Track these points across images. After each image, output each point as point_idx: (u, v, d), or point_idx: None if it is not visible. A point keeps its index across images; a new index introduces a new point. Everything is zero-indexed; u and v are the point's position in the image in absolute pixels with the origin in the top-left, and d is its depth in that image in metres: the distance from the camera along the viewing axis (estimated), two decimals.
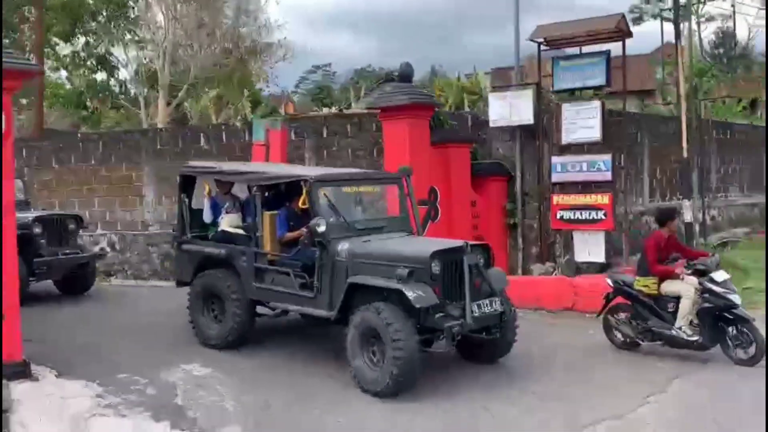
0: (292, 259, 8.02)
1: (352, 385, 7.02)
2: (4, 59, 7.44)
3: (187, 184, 9.38)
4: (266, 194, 8.59)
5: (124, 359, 8.25)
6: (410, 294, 6.58)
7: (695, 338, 7.86)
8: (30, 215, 11.83)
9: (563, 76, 11.99)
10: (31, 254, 11.18)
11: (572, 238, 11.95)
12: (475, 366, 7.67)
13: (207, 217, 9.11)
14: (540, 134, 12.41)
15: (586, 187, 11.78)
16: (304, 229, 7.93)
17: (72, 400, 7.01)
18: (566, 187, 11.96)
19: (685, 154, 12.94)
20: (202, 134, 14.21)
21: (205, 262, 8.83)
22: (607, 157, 11.63)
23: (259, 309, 8.68)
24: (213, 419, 6.58)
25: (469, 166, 12.35)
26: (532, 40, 12.26)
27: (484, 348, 7.63)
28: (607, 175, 11.62)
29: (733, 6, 38.27)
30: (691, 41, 25.49)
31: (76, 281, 12.33)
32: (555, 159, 12.02)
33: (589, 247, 11.78)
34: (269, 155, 12.28)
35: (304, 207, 7.92)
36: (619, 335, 8.52)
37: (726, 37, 52.31)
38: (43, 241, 11.71)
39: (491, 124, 12.55)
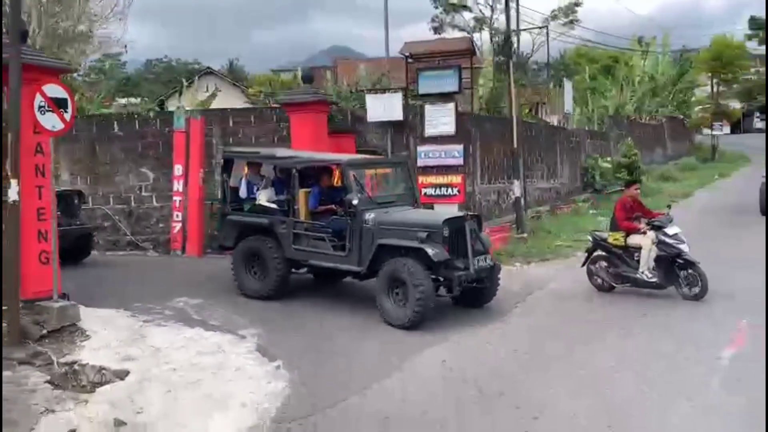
0: (326, 226, 10.11)
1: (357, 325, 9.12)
2: (40, 58, 9.25)
3: (227, 166, 11.27)
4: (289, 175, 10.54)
5: (133, 297, 10.33)
6: (430, 251, 8.76)
7: (654, 280, 9.94)
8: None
9: (425, 84, 15.42)
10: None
11: (433, 208, 15.42)
12: (468, 310, 9.70)
13: (243, 193, 10.98)
14: (407, 128, 15.77)
15: (444, 169, 15.29)
16: (333, 205, 10.27)
17: (116, 318, 9.14)
18: (428, 170, 15.38)
19: (515, 146, 16.96)
20: (115, 122, 15.82)
21: (246, 230, 10.69)
22: (460, 147, 15.24)
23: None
24: (231, 325, 9.07)
25: (355, 152, 15.40)
26: (401, 54, 15.57)
27: (476, 295, 9.73)
28: (460, 161, 15.21)
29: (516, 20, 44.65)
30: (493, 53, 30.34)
31: (79, 250, 13.53)
32: (420, 148, 15.41)
33: None
34: (189, 141, 14.43)
35: (336, 185, 10.29)
36: (598, 280, 10.53)
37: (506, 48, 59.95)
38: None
39: (369, 119, 15.67)
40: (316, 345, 8.33)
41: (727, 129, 46.84)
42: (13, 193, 7.98)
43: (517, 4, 22.15)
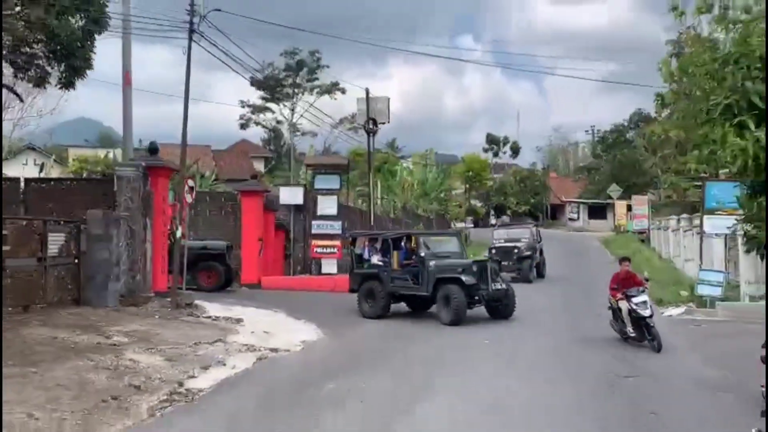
0: (408, 271, 17.04)
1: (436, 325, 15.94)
2: (164, 162, 16.95)
3: (353, 241, 19.06)
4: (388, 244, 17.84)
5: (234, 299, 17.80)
6: (464, 278, 15.58)
7: (633, 335, 13.13)
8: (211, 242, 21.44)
9: (319, 182, 24.45)
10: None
11: (321, 262, 24.22)
12: (497, 320, 16.26)
13: (366, 256, 18.20)
14: (305, 209, 24.57)
15: (328, 237, 24.20)
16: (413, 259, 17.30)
17: (212, 303, 16.79)
18: (318, 236, 24.21)
19: (372, 224, 26.35)
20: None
21: (366, 278, 17.54)
22: (339, 223, 24.34)
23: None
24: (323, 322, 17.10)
25: (275, 224, 23.81)
26: (306, 164, 24.50)
27: (500, 311, 16.40)
28: (339, 232, 24.28)
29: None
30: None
31: (227, 283, 20.87)
32: (314, 222, 24.27)
33: (329, 267, 24.20)
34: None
35: (413, 247, 17.46)
36: (614, 331, 13.88)
37: (275, 138, 70.49)
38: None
39: (281, 202, 24.21)
40: (351, 325, 16.68)
41: (470, 224, 60.69)
42: (177, 234, 15.70)
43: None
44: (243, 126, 64.47)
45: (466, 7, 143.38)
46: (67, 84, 13.98)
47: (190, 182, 16.05)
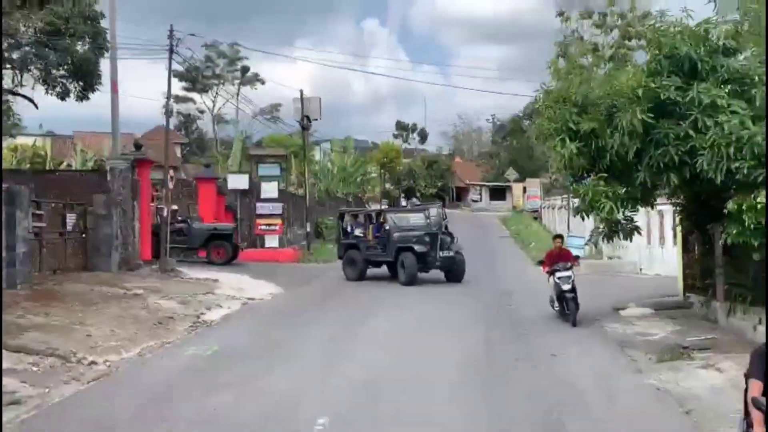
0: (380, 242, 21.05)
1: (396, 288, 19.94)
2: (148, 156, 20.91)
3: (341, 217, 22.93)
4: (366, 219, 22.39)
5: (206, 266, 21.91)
6: (416, 247, 19.86)
7: (557, 308, 14.00)
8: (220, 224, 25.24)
9: (262, 170, 28.75)
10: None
11: (264, 237, 28.56)
12: (451, 283, 20.33)
13: (349, 230, 22.25)
14: (250, 193, 28.80)
15: (271, 216, 28.54)
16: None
17: (190, 270, 20.98)
18: (262, 216, 28.50)
19: (307, 206, 30.76)
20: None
21: (348, 247, 21.74)
22: (280, 204, 28.72)
23: None
24: (292, 283, 21.50)
25: (225, 207, 27.96)
26: (251, 154, 28.73)
27: (453, 275, 20.31)
28: (280, 212, 28.66)
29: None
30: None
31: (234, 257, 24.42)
32: (258, 204, 28.52)
33: (271, 242, 28.57)
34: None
35: (382, 222, 21.50)
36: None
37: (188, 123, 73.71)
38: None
39: (230, 187, 28.34)
40: (301, 283, 21.23)
41: (385, 205, 65.80)
42: (165, 211, 19.81)
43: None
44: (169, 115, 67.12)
45: None
46: (83, 97, 17.84)
47: (171, 172, 20.10)
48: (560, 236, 16.07)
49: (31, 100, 18.11)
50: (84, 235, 18.99)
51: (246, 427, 7.66)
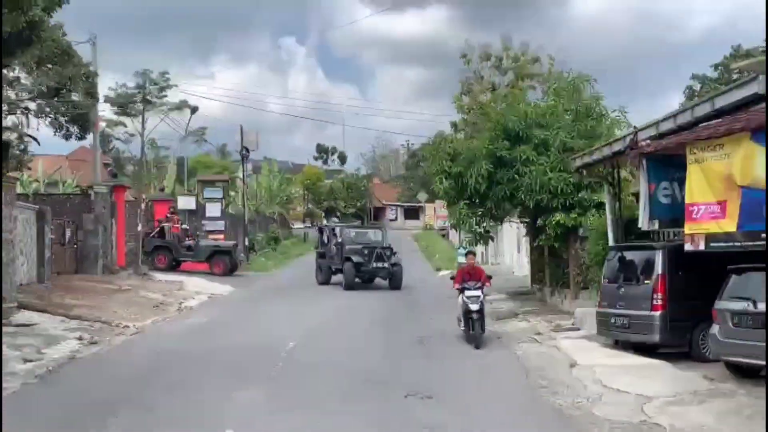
0: (337, 252, 25.26)
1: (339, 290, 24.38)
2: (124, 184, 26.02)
3: (321, 231, 27.72)
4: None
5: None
6: (354, 258, 24.04)
7: (463, 328, 13.59)
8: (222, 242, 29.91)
9: (207, 192, 34.00)
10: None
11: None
12: (390, 290, 24.22)
13: (325, 241, 26.86)
14: (197, 213, 33.94)
15: (215, 232, 33.71)
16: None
17: (171, 276, 26.15)
18: (210, 232, 33.64)
19: (246, 222, 36.02)
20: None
21: (318, 256, 26.91)
22: (222, 222, 34.00)
23: None
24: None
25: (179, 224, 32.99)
26: (198, 180, 33.96)
27: (392, 282, 24.36)
28: (222, 228, 33.92)
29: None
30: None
31: (233, 269, 28.89)
32: (203, 221, 33.68)
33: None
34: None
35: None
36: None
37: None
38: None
39: (179, 207, 33.40)
40: (249, 284, 26.62)
41: (309, 224, 71.32)
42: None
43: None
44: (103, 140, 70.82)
45: (289, 8, 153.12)
46: (81, 137, 22.93)
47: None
48: (472, 252, 15.30)
49: (35, 139, 22.95)
50: (76, 246, 23.90)
51: (245, 349, 13.24)
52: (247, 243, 35.80)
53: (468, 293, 13.43)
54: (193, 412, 8.81)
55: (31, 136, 23.07)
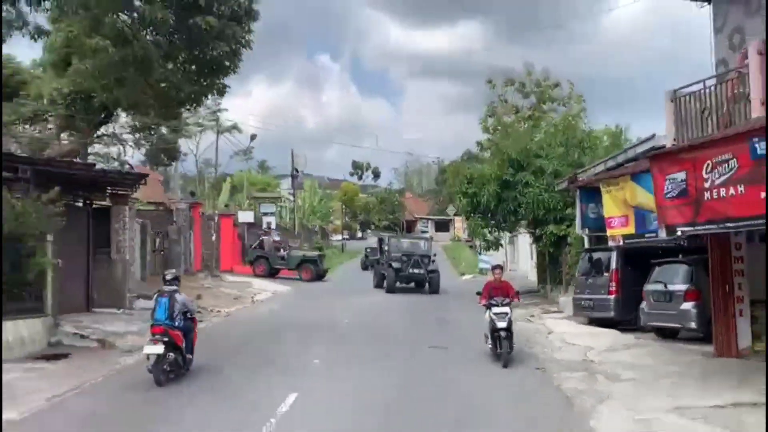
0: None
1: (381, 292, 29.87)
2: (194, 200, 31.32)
3: (380, 241, 32.46)
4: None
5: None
6: (394, 264, 28.14)
7: (490, 345, 12.80)
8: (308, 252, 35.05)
9: (263, 208, 39.18)
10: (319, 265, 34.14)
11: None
12: (428, 294, 28.01)
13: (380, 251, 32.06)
14: (256, 225, 39.08)
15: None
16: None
17: (238, 278, 31.36)
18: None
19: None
20: None
21: (374, 264, 32.92)
22: (276, 233, 39.10)
23: None
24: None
25: (236, 234, 38.21)
26: (254, 196, 39.22)
27: (430, 286, 27.99)
28: (277, 239, 39.05)
29: None
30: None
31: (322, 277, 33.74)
32: (259, 232, 38.82)
33: None
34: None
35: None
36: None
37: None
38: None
39: (240, 221, 38.56)
40: (302, 285, 31.68)
41: (347, 236, 76.49)
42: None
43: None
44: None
45: (321, 27, 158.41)
46: (167, 165, 28.32)
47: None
48: (500, 267, 14.45)
49: (131, 166, 28.32)
50: (162, 252, 29.15)
51: (312, 324, 18.10)
52: None
53: (495, 309, 12.65)
54: (286, 355, 13.73)
55: (129, 164, 28.49)
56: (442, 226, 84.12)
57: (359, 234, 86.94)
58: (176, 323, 11.24)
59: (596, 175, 13.48)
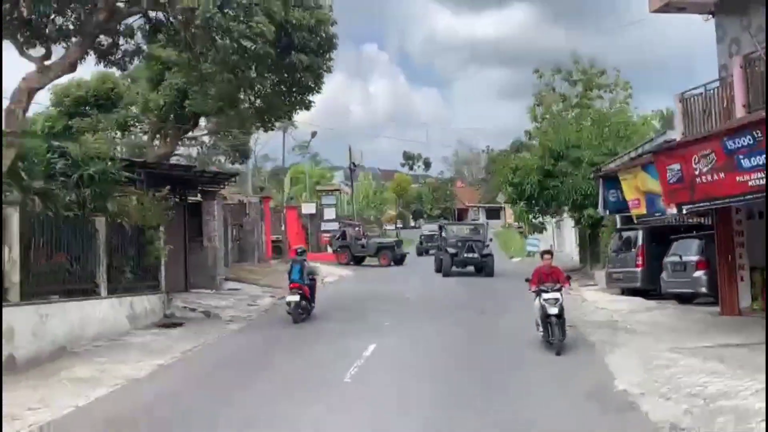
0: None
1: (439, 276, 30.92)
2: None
3: (441, 228, 34.24)
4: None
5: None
6: (449, 250, 29.64)
7: (541, 332, 12.40)
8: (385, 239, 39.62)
9: (324, 199, 42.31)
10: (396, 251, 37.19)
11: (328, 246, 42.06)
12: (483, 277, 29.02)
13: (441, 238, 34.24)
14: (317, 215, 42.25)
15: (328, 232, 41.95)
16: None
17: None
18: (325, 232, 41.85)
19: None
20: None
21: (438, 249, 33.30)
22: (336, 224, 42.13)
23: None
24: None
25: (300, 225, 41.42)
26: (316, 189, 42.36)
27: (483, 270, 29.06)
28: (336, 228, 42.12)
29: None
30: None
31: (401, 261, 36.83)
32: (322, 223, 41.92)
33: (330, 248, 42.11)
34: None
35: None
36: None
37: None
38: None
39: (303, 212, 41.76)
40: (362, 269, 34.72)
41: (400, 225, 79.39)
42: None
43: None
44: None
45: (366, 16, 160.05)
46: (243, 162, 31.58)
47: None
48: (549, 252, 14.08)
49: (212, 167, 31.75)
50: (238, 242, 32.48)
51: (381, 296, 20.97)
52: None
53: (546, 296, 12.35)
54: (363, 319, 16.66)
55: (211, 166, 31.90)
56: (493, 213, 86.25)
57: (412, 223, 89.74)
58: (305, 281, 16.20)
59: (617, 166, 16.01)
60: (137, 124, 28.02)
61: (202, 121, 30.08)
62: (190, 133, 27.85)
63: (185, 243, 22.09)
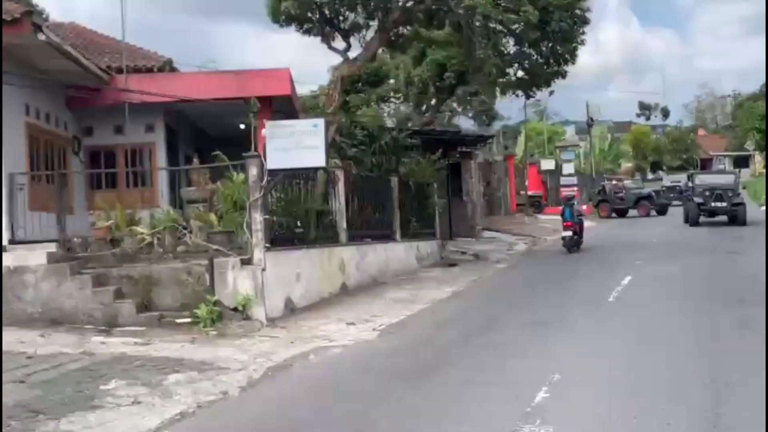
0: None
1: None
2: None
3: (689, 177, 34.14)
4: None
5: None
6: (695, 199, 28.67)
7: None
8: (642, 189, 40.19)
9: (564, 155, 44.01)
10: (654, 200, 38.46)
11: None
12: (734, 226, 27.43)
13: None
14: (556, 172, 44.22)
15: (570, 186, 43.62)
16: None
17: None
18: (565, 186, 43.67)
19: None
20: None
21: (688, 200, 30.62)
22: (575, 178, 43.70)
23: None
24: None
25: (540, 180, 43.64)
26: (556, 146, 44.18)
27: (734, 219, 27.27)
28: (576, 183, 43.67)
29: None
30: None
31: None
32: (561, 177, 43.72)
33: None
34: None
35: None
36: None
37: None
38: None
39: (542, 168, 43.88)
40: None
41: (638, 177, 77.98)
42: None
43: None
44: None
45: None
46: (489, 125, 34.61)
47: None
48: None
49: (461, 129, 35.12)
50: (487, 197, 35.68)
51: (629, 241, 22.89)
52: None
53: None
54: (616, 258, 19.00)
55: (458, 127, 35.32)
56: (741, 162, 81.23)
57: (650, 176, 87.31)
58: (575, 220, 20.38)
59: None
60: (397, 96, 32.02)
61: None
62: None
63: (449, 198, 25.62)
